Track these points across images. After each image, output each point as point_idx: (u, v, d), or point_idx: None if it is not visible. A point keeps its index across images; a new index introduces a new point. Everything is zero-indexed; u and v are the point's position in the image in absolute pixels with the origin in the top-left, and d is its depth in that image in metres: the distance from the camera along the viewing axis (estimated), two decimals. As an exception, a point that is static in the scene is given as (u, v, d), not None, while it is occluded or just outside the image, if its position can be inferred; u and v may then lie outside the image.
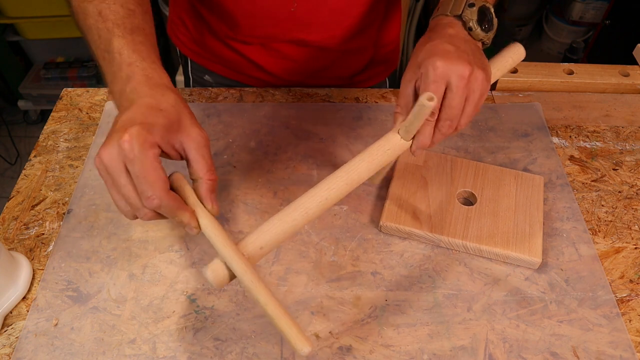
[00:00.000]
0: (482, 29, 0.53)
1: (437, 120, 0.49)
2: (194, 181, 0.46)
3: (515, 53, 0.57)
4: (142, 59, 0.46)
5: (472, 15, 0.52)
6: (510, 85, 0.80)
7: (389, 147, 0.50)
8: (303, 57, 0.79)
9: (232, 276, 0.43)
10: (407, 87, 0.50)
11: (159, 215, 0.43)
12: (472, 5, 0.52)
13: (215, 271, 0.42)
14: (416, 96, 0.50)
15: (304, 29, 0.75)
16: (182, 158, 0.45)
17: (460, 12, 0.52)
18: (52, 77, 1.98)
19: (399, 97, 0.51)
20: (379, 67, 0.88)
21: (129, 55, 0.46)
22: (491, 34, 0.55)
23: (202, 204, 0.45)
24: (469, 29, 0.53)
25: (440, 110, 0.48)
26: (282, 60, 0.80)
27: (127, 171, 0.41)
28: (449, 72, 0.46)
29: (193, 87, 0.91)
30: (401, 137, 0.50)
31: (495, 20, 0.55)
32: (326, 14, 0.73)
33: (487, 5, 0.54)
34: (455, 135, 0.73)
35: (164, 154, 0.44)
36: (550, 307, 0.55)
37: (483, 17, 0.53)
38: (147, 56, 0.47)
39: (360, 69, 0.84)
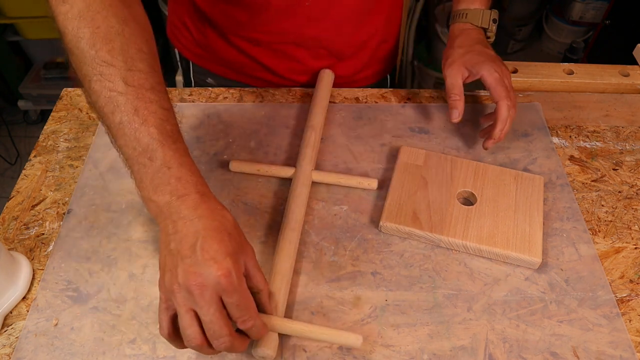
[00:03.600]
0: (494, 35, 0.73)
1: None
2: (254, 293, 0.47)
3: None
4: (190, 172, 0.46)
5: (492, 28, 0.73)
6: (510, 85, 0.80)
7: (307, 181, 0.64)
8: (309, 56, 0.79)
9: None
10: (457, 79, 0.67)
11: (233, 344, 0.44)
12: (495, 21, 0.72)
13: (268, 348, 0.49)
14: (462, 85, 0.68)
15: (317, 24, 0.75)
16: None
17: (487, 26, 0.73)
18: (52, 77, 1.98)
19: (452, 87, 0.67)
20: (380, 65, 0.88)
21: (178, 170, 0.45)
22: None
23: (262, 310, 0.49)
24: (487, 37, 0.73)
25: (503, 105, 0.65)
26: (288, 61, 0.80)
27: (220, 300, 0.42)
28: (502, 76, 0.66)
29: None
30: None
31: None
32: (339, 10, 0.73)
33: (497, 14, 0.73)
34: (455, 135, 0.73)
35: None
36: (550, 307, 0.55)
37: (495, 23, 0.73)
38: (192, 168, 0.47)
39: (361, 67, 0.85)
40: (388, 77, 0.93)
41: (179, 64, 0.91)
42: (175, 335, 0.44)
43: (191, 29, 0.82)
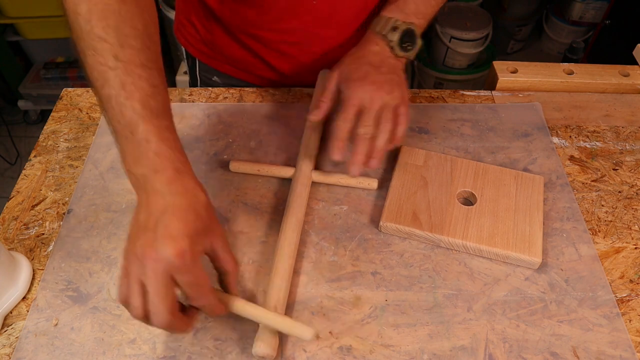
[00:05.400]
0: (402, 49, 0.65)
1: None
2: (221, 274, 0.49)
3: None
4: (170, 148, 0.46)
5: (393, 37, 0.65)
6: (510, 85, 0.80)
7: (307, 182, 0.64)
8: (314, 56, 0.79)
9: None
10: (330, 83, 0.64)
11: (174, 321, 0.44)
12: (395, 29, 0.65)
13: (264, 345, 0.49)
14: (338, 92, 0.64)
15: (324, 23, 0.75)
16: (206, 254, 0.48)
17: (384, 33, 0.65)
18: (52, 77, 1.98)
19: (323, 91, 0.65)
20: None
21: (157, 144, 0.46)
22: (412, 52, 0.67)
23: (228, 291, 0.50)
24: (391, 48, 0.65)
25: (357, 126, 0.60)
26: (293, 60, 0.80)
27: (170, 278, 0.42)
28: (363, 98, 0.60)
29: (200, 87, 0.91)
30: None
31: (418, 41, 0.67)
32: (347, 8, 0.73)
33: (412, 27, 0.66)
34: (455, 135, 0.73)
35: None
36: (550, 307, 0.55)
37: (406, 38, 0.65)
38: (173, 145, 0.47)
39: None
40: None
41: (186, 61, 0.91)
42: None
43: (197, 26, 0.82)
